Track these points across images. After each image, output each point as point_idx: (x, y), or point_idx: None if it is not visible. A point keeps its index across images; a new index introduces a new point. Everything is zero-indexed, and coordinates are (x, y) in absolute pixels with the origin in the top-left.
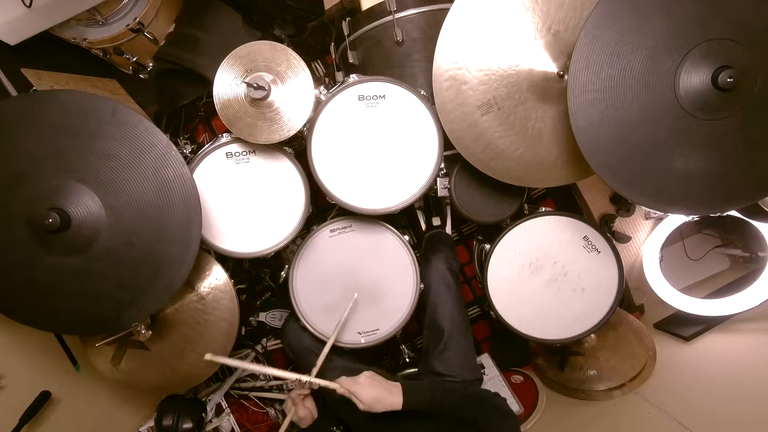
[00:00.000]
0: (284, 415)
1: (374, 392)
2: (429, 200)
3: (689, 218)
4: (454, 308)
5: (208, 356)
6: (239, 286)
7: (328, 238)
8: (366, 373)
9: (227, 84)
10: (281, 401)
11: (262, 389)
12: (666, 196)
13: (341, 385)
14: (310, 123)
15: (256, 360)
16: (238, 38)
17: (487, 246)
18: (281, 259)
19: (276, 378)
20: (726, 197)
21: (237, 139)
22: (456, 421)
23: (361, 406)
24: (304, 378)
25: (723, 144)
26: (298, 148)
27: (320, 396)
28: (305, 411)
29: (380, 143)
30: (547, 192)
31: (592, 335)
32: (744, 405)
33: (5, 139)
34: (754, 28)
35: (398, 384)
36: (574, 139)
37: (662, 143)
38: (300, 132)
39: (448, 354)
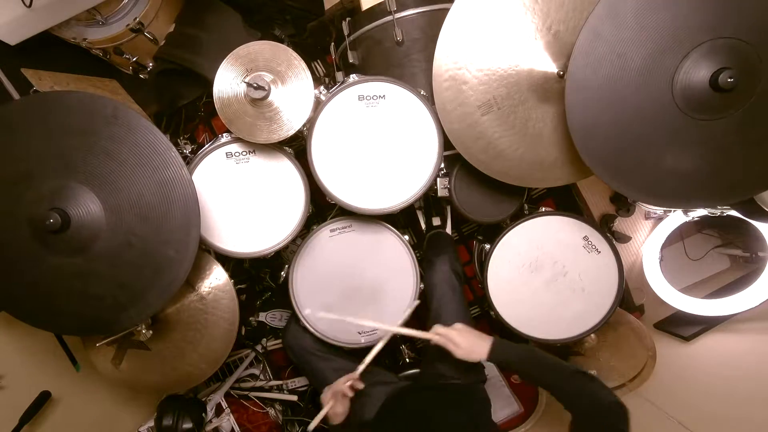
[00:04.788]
0: (284, 415)
1: (471, 338)
2: (429, 200)
3: (689, 218)
4: (459, 310)
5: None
6: (239, 286)
7: (328, 238)
8: (458, 324)
9: (227, 84)
10: (281, 401)
11: (262, 389)
12: (659, 191)
13: (437, 333)
14: (310, 123)
15: (256, 360)
16: (238, 38)
17: (487, 246)
18: (281, 259)
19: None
20: (722, 194)
21: (237, 139)
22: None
23: (458, 353)
24: (403, 330)
25: (717, 143)
26: (298, 148)
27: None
28: (343, 408)
29: (380, 143)
30: (547, 192)
31: (592, 335)
32: (744, 405)
33: (8, 141)
34: (757, 27)
35: (491, 337)
36: None
37: (657, 141)
38: (300, 132)
39: (451, 355)
